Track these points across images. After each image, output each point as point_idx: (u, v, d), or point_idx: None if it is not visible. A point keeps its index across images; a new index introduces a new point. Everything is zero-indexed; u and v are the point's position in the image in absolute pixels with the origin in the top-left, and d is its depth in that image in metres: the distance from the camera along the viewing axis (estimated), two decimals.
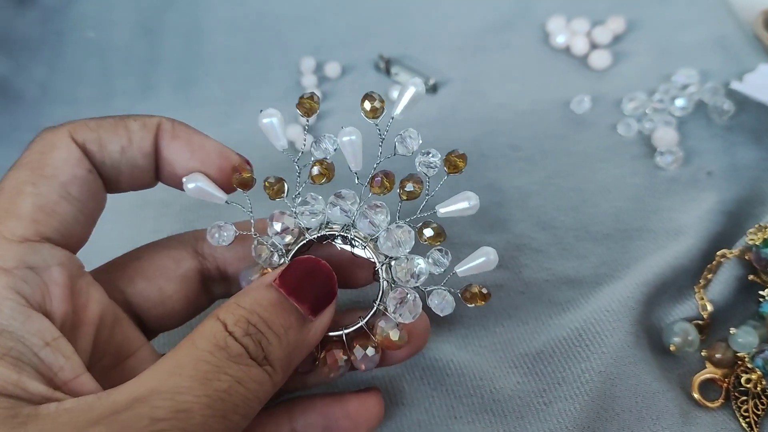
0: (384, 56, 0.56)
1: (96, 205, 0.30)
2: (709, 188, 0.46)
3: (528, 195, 0.47)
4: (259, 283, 0.30)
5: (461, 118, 0.53)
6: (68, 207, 0.29)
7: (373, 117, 0.32)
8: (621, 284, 0.41)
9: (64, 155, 0.29)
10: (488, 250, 0.32)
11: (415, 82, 0.31)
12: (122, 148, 0.30)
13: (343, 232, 0.32)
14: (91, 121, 0.30)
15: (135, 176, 0.31)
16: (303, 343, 0.29)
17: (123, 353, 0.31)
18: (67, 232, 0.29)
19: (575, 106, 0.52)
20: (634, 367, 0.37)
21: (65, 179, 0.29)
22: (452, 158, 0.32)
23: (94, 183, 0.30)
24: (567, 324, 0.40)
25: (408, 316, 0.31)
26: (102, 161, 0.30)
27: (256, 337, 0.27)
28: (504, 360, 0.40)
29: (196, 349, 0.26)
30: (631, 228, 0.45)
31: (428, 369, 0.39)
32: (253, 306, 0.28)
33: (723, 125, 0.50)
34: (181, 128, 0.32)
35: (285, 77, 0.57)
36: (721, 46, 0.55)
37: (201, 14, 0.62)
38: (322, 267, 0.30)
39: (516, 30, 0.58)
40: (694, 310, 0.41)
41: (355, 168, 0.32)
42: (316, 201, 0.32)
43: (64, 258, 0.28)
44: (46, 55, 0.61)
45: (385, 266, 0.32)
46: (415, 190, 0.32)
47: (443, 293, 0.32)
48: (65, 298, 0.28)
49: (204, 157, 0.31)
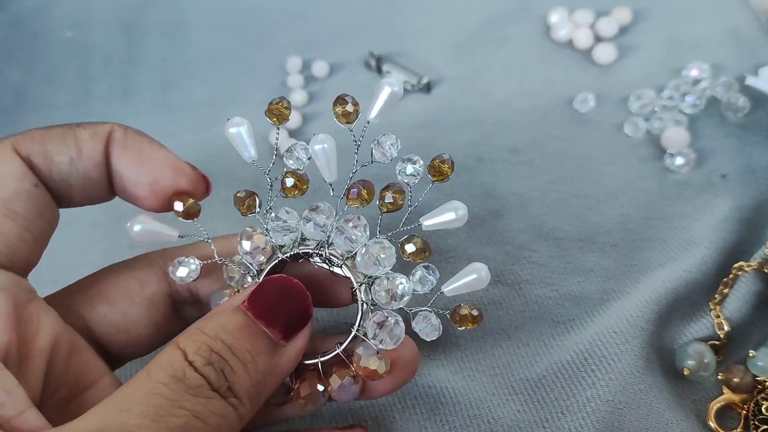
0: (375, 53, 0.53)
1: (46, 222, 0.28)
2: (723, 193, 0.43)
3: (529, 202, 0.44)
4: (226, 306, 0.27)
5: (457, 119, 0.50)
6: (12, 225, 0.27)
7: (346, 122, 0.29)
8: (629, 301, 0.38)
9: (7, 170, 0.27)
10: (479, 266, 0.29)
11: (390, 82, 0.28)
12: (71, 160, 0.28)
13: (319, 249, 0.30)
14: (37, 132, 0.28)
15: (88, 189, 0.29)
16: (274, 371, 0.27)
17: (81, 384, 0.28)
18: (11, 253, 0.27)
19: (579, 104, 0.49)
20: (644, 395, 0.34)
21: (7, 195, 0.27)
22: (437, 164, 0.29)
23: (41, 198, 0.28)
24: (571, 346, 0.37)
25: (389, 342, 0.28)
26: (49, 174, 0.28)
27: (219, 365, 0.25)
28: (503, 386, 0.37)
29: (150, 381, 0.24)
30: (640, 238, 0.42)
31: (421, 397, 0.36)
32: (217, 331, 0.26)
33: (737, 123, 0.47)
34: (132, 137, 0.29)
35: (271, 78, 0.54)
36: (734, 37, 0.51)
37: (184, 11, 0.60)
38: (294, 286, 0.28)
39: (515, 23, 0.55)
40: (710, 329, 0.38)
41: (329, 178, 0.29)
42: (289, 216, 0.30)
43: (8, 282, 0.26)
44: (21, 58, 0.58)
45: (364, 286, 0.29)
46: (396, 201, 0.29)
47: (429, 315, 0.29)
48: (7, 327, 0.25)
49: (154, 170, 0.29)
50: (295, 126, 0.50)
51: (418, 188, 0.29)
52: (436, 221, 0.29)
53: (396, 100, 0.28)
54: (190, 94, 0.55)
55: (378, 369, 0.29)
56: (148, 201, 0.29)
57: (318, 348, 0.30)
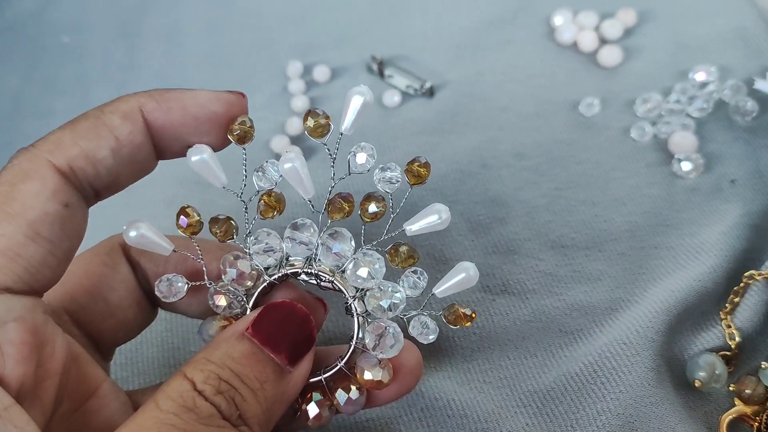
0: (377, 57, 0.53)
1: (71, 243, 0.27)
2: (733, 199, 0.42)
3: (535, 210, 0.43)
4: (230, 334, 0.27)
5: (460, 123, 0.49)
6: (36, 249, 0.25)
7: (318, 136, 0.28)
8: (639, 311, 0.37)
9: (36, 188, 0.25)
10: (467, 265, 0.28)
11: (360, 90, 0.27)
12: (113, 151, 0.26)
13: (306, 267, 0.29)
14: (65, 133, 0.26)
15: (134, 170, 0.28)
16: (282, 397, 0.27)
17: (83, 395, 0.28)
18: (31, 278, 0.25)
19: (584, 108, 0.48)
20: (655, 408, 0.34)
21: (34, 217, 0.25)
22: (414, 168, 0.28)
23: (69, 219, 0.26)
24: (580, 357, 0.36)
25: (390, 350, 0.28)
26: (96, 174, 0.26)
27: (229, 394, 0.25)
28: (511, 398, 0.36)
29: (160, 412, 0.23)
30: (648, 245, 0.41)
31: (427, 409, 0.36)
32: (223, 360, 0.25)
33: (746, 127, 0.46)
34: (168, 98, 0.27)
35: (271, 83, 0.54)
36: (741, 38, 0.51)
37: (182, 15, 0.59)
38: (297, 311, 0.27)
39: (518, 25, 0.54)
40: (720, 339, 0.37)
41: (306, 195, 0.29)
42: (270, 237, 0.29)
43: (25, 309, 0.25)
44: (19, 64, 0.58)
45: (357, 299, 0.29)
46: (379, 210, 0.29)
47: (424, 319, 0.29)
48: (22, 358, 0.24)
49: (209, 115, 0.28)
50: (297, 132, 0.49)
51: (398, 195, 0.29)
52: (421, 225, 0.28)
53: (367, 109, 0.28)
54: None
55: (382, 378, 0.28)
56: (218, 144, 0.29)
57: (319, 363, 0.30)
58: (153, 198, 0.47)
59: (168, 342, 0.40)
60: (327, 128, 0.28)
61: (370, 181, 0.29)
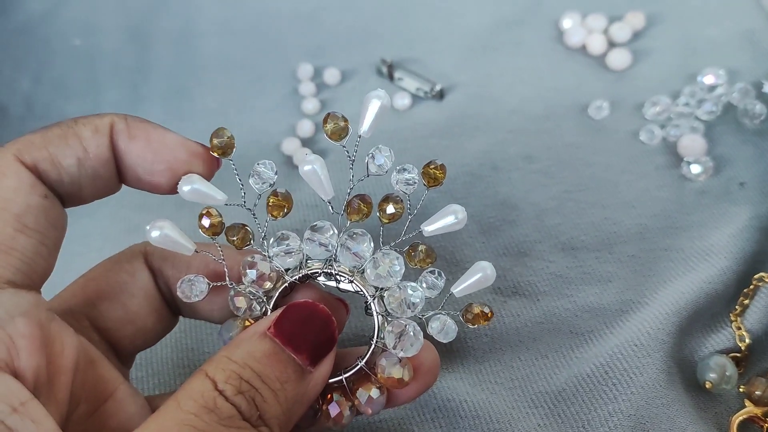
0: (386, 60, 0.53)
1: (57, 232, 0.27)
2: (742, 201, 0.43)
3: (545, 212, 0.44)
4: (252, 333, 0.27)
5: (470, 126, 0.50)
6: (27, 241, 0.26)
7: (338, 139, 0.29)
8: (649, 313, 0.37)
9: (14, 183, 0.26)
10: (484, 264, 0.29)
11: (378, 95, 0.28)
12: (78, 161, 0.27)
13: (326, 268, 0.29)
14: (36, 137, 0.27)
15: (97, 186, 0.28)
16: (303, 398, 0.27)
17: (100, 397, 0.28)
18: (29, 269, 0.26)
19: (593, 111, 0.48)
20: (666, 409, 0.34)
21: (19, 210, 0.25)
22: (430, 170, 0.29)
23: (52, 209, 0.27)
24: (591, 358, 0.37)
25: (410, 349, 0.28)
26: (59, 179, 0.27)
27: (250, 394, 0.25)
28: (522, 399, 0.36)
29: (180, 412, 0.24)
30: (658, 248, 0.41)
31: (440, 410, 0.36)
32: (245, 359, 0.26)
33: (755, 130, 0.46)
34: (137, 126, 0.28)
35: (282, 85, 0.54)
36: (749, 41, 0.51)
37: (192, 17, 0.59)
38: (319, 311, 0.28)
39: (527, 28, 0.55)
40: (731, 341, 0.37)
41: (326, 197, 0.29)
42: (290, 238, 0.29)
43: (30, 304, 0.25)
44: (31, 66, 0.58)
45: (376, 299, 0.29)
46: (397, 211, 0.29)
47: (443, 318, 0.29)
48: (35, 351, 0.25)
49: (168, 156, 0.28)
50: (308, 135, 0.50)
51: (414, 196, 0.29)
52: (438, 226, 0.29)
53: (385, 112, 0.28)
54: (201, 102, 0.54)
55: (403, 377, 0.29)
56: (167, 187, 0.29)
57: (338, 365, 0.30)
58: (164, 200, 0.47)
59: (182, 343, 0.40)
60: (346, 131, 0.29)
61: (385, 184, 0.29)
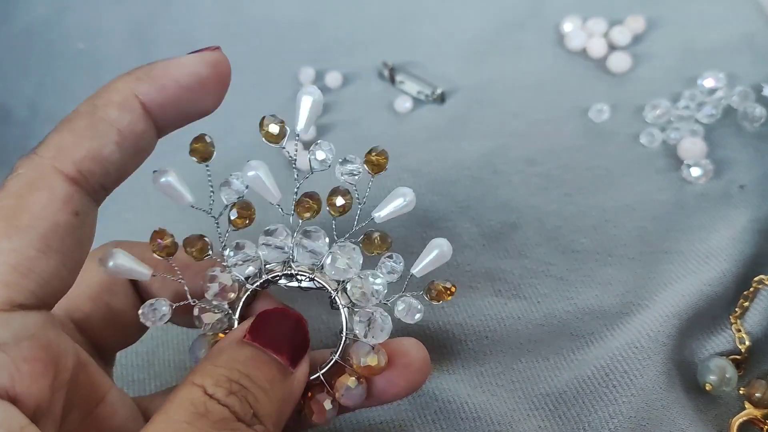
0: (388, 63, 0.53)
1: (81, 252, 0.26)
2: (741, 204, 0.43)
3: (546, 215, 0.44)
4: (230, 341, 0.27)
5: (471, 129, 0.50)
6: (48, 262, 0.24)
7: (276, 141, 0.29)
8: (650, 316, 0.37)
9: (45, 199, 0.24)
10: (440, 241, 0.29)
11: (309, 91, 0.29)
12: (118, 145, 0.25)
13: (285, 270, 0.30)
14: (65, 137, 0.25)
15: (140, 157, 0.27)
16: (290, 397, 0.27)
17: (92, 401, 0.28)
18: (43, 292, 0.24)
19: (594, 114, 0.48)
20: (666, 411, 0.34)
21: (45, 230, 0.24)
22: (372, 158, 0.29)
23: (80, 228, 0.25)
24: (591, 361, 0.37)
25: (381, 334, 0.29)
26: (105, 173, 0.25)
27: (242, 393, 0.25)
28: (523, 401, 0.37)
29: (171, 422, 0.23)
30: (659, 250, 0.41)
31: (441, 412, 0.36)
32: (230, 363, 0.26)
33: (754, 133, 0.46)
34: (157, 75, 0.26)
35: (283, 88, 0.54)
36: (748, 45, 0.51)
37: (194, 21, 0.60)
38: (291, 315, 0.28)
39: (528, 31, 0.55)
40: (730, 343, 0.37)
41: (274, 200, 0.29)
42: (246, 246, 0.30)
43: (38, 325, 0.24)
44: (34, 70, 0.58)
45: (339, 292, 0.30)
46: (347, 203, 0.30)
47: (407, 299, 0.30)
48: (38, 375, 0.24)
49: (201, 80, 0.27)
50: (310, 138, 0.50)
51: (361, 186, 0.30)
52: (388, 211, 0.29)
53: (319, 107, 0.29)
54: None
55: (378, 363, 0.29)
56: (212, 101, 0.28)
57: (314, 364, 0.30)
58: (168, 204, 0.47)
59: (184, 345, 0.41)
60: (283, 133, 0.29)
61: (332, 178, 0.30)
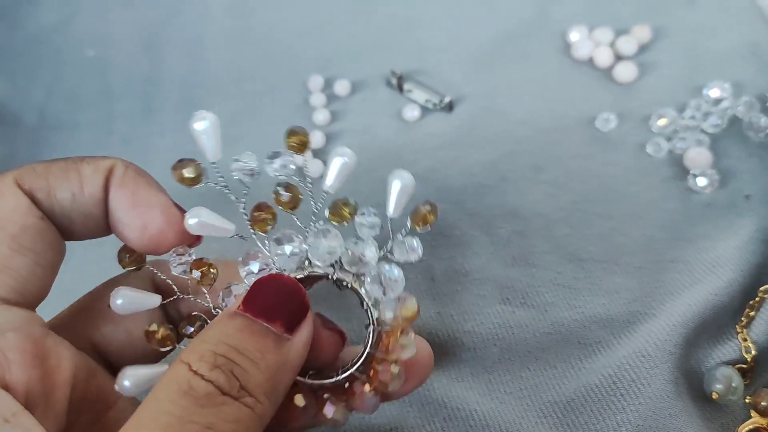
0: (396, 71, 0.54)
1: (55, 254, 0.28)
2: (747, 214, 0.43)
3: (553, 223, 0.44)
4: (222, 315, 0.27)
5: (479, 136, 0.50)
6: (22, 260, 0.26)
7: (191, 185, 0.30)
8: (657, 324, 0.38)
9: (11, 204, 0.27)
10: (398, 173, 0.29)
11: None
12: (73, 196, 0.28)
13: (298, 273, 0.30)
14: (39, 166, 0.28)
15: (88, 225, 0.29)
16: (286, 366, 0.26)
17: (102, 406, 0.29)
18: (23, 288, 0.26)
19: (600, 123, 0.49)
20: (674, 420, 0.35)
21: (15, 230, 0.26)
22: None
23: (48, 230, 0.27)
24: (599, 369, 0.37)
25: (395, 284, 0.29)
26: (51, 210, 0.28)
27: (227, 367, 0.24)
28: (531, 408, 0.37)
29: (156, 402, 0.23)
30: (665, 259, 0.42)
31: (450, 419, 0.37)
32: (218, 337, 0.25)
33: (759, 143, 0.47)
34: (131, 176, 0.29)
35: (293, 96, 0.55)
36: (754, 54, 0.52)
37: (204, 28, 0.60)
38: (286, 281, 0.28)
39: (535, 40, 0.55)
40: (737, 352, 0.38)
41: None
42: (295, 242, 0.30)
43: (22, 320, 0.26)
44: (44, 77, 0.59)
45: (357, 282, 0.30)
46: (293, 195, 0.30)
47: (399, 239, 0.30)
48: (26, 364, 0.25)
49: (144, 214, 0.29)
50: (319, 146, 0.51)
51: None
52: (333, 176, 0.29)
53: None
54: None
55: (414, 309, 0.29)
56: (136, 244, 0.29)
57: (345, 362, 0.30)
58: None
59: None
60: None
61: None
